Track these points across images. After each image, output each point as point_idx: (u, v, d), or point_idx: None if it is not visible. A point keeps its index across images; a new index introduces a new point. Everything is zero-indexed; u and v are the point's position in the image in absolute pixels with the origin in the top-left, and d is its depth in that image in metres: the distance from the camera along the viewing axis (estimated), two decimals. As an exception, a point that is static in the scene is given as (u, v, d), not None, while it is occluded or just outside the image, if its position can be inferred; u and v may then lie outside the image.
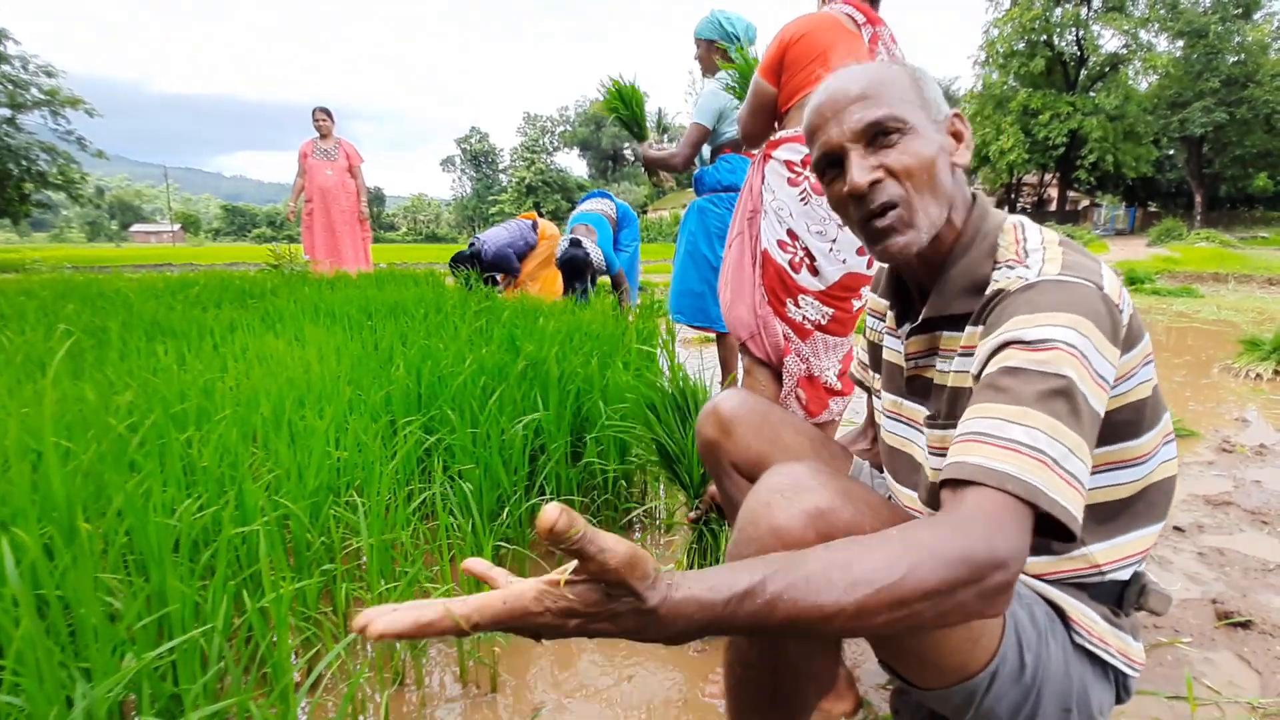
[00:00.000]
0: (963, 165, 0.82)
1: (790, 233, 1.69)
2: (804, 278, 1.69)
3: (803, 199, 1.67)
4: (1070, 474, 0.61)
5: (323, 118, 6.03)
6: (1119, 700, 0.81)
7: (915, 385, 0.90)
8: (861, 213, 0.79)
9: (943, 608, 0.54)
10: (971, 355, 0.75)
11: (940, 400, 0.83)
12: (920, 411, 0.89)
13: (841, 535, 0.66)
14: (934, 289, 0.83)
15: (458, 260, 4.85)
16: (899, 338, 0.91)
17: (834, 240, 1.66)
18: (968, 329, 0.77)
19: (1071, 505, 0.61)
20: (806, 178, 1.66)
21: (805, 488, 0.69)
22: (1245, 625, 1.38)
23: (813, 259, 1.68)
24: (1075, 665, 0.76)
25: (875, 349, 1.02)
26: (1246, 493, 2.09)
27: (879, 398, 1.01)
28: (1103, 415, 0.67)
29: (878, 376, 1.02)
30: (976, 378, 0.70)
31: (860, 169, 0.77)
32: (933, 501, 0.86)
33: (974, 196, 0.85)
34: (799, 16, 1.74)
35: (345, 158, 6.11)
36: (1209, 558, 1.68)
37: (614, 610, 0.50)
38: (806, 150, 1.66)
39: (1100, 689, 0.78)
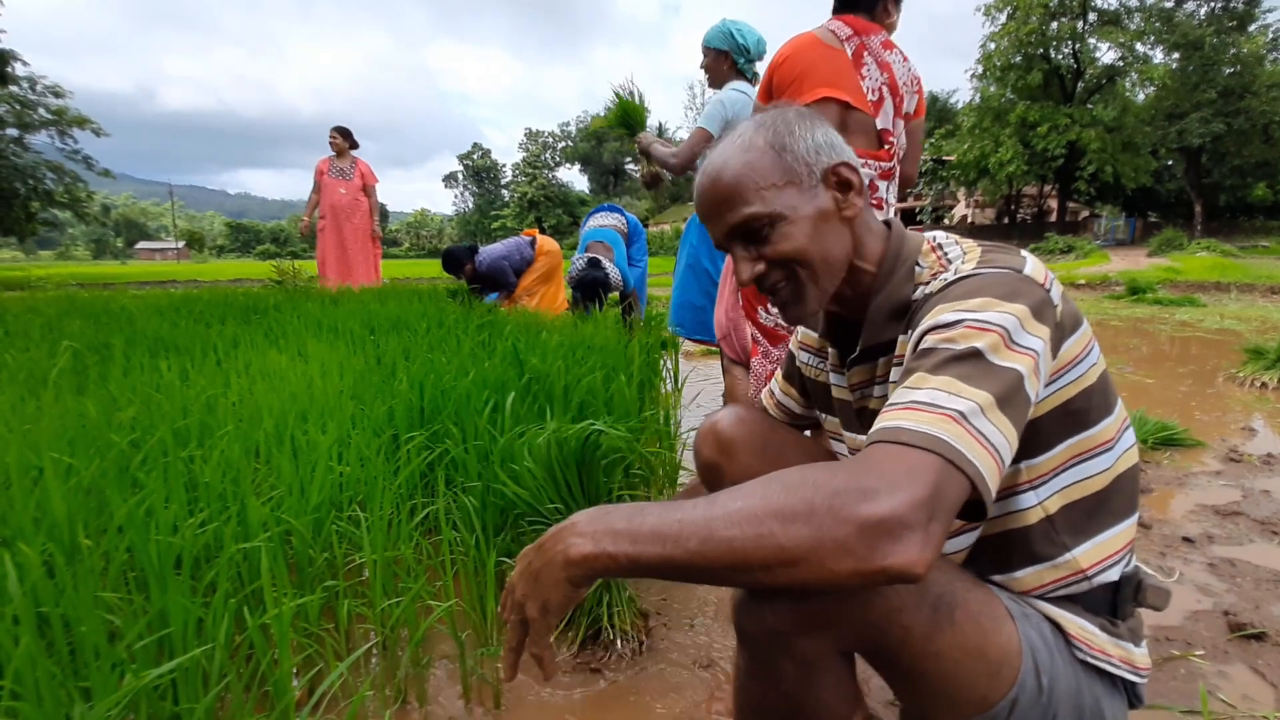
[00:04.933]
0: (854, 215, 0.81)
1: None
2: None
3: None
4: (978, 430, 0.59)
5: (335, 137, 6.09)
6: (1132, 706, 0.80)
7: (864, 417, 0.90)
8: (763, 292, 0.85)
9: (804, 542, 0.53)
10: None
11: None
12: None
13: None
14: (864, 323, 0.84)
15: (449, 259, 4.87)
16: (843, 374, 0.92)
17: None
18: (899, 339, 0.79)
19: (979, 460, 0.58)
20: None
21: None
22: (1259, 638, 1.36)
23: None
24: (1085, 679, 0.75)
25: (824, 388, 1.01)
26: (1255, 502, 2.07)
27: (841, 442, 1.00)
28: (1036, 383, 0.66)
29: (830, 418, 1.01)
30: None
31: (743, 268, 0.82)
32: None
33: (889, 225, 0.85)
34: (788, 40, 1.80)
35: (360, 177, 6.14)
36: (1219, 569, 1.67)
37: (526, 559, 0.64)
38: None
39: (1112, 700, 0.77)
